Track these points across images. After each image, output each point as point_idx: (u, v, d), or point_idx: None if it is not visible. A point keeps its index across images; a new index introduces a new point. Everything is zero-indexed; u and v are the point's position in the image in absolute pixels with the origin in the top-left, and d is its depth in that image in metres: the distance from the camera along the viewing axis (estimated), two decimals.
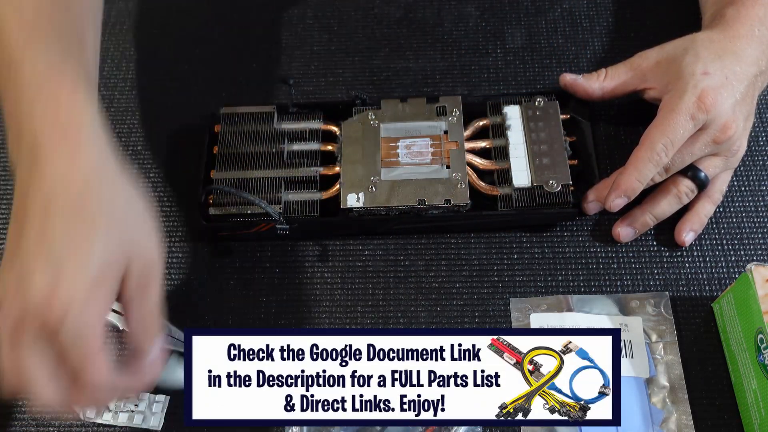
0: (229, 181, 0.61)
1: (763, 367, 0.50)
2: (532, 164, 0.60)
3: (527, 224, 0.61)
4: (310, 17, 0.74)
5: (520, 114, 0.63)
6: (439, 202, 0.58)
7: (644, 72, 0.60)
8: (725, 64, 0.56)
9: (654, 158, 0.55)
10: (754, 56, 0.56)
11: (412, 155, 0.61)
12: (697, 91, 0.54)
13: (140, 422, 0.55)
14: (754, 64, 0.56)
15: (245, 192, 0.59)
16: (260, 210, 0.59)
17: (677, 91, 0.55)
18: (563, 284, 0.59)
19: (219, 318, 0.59)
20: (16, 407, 0.56)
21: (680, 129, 0.54)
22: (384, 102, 0.64)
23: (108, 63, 0.72)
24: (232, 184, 0.60)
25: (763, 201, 0.62)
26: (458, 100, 0.63)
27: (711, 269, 0.59)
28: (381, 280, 0.60)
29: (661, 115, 0.55)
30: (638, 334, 0.56)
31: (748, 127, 0.58)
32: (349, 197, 0.59)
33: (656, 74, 0.59)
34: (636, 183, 0.56)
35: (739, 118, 0.56)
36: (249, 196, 0.58)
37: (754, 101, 0.58)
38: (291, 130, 0.63)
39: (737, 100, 0.55)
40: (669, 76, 0.57)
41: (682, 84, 0.55)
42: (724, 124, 0.55)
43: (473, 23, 0.73)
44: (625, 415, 0.52)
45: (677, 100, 0.55)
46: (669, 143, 0.54)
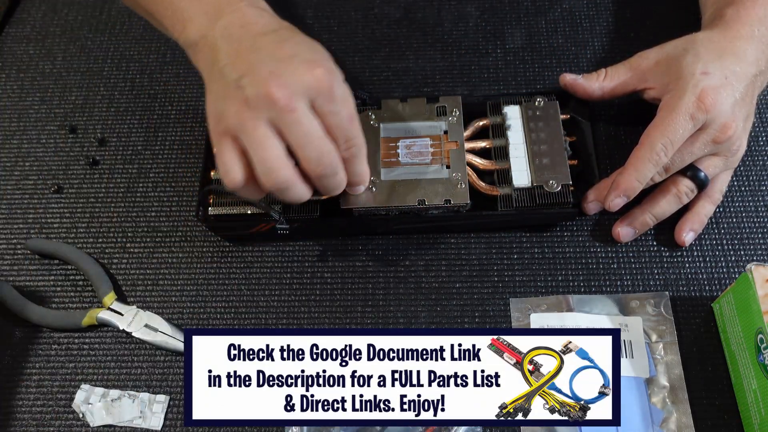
0: None
1: (763, 367, 0.50)
2: (532, 164, 0.60)
3: (527, 224, 0.61)
4: (310, 17, 0.74)
5: (520, 114, 0.63)
6: (439, 202, 0.58)
7: (644, 72, 0.60)
8: (725, 64, 0.56)
9: (653, 158, 0.55)
10: (753, 56, 0.57)
11: (412, 155, 0.61)
12: (696, 91, 0.54)
13: (140, 422, 0.55)
14: (754, 64, 0.57)
15: None
16: (260, 210, 0.59)
17: (677, 91, 0.55)
18: (563, 284, 0.59)
19: (219, 318, 0.59)
20: (17, 407, 0.56)
21: (680, 129, 0.54)
22: (384, 102, 0.64)
23: (108, 63, 0.72)
24: None
25: (763, 201, 0.62)
26: (458, 100, 0.63)
27: (711, 269, 0.59)
28: (381, 280, 0.60)
29: (660, 115, 0.55)
30: (638, 334, 0.56)
31: (747, 127, 0.58)
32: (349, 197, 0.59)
33: (656, 74, 0.59)
34: (635, 183, 0.56)
35: (739, 117, 0.56)
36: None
37: (754, 101, 0.58)
38: None
39: (737, 99, 0.55)
40: (669, 76, 0.57)
41: (682, 84, 0.55)
42: (724, 124, 0.55)
43: (473, 23, 0.73)
44: (625, 415, 0.52)
45: (677, 100, 0.55)
46: (669, 143, 0.54)
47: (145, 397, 0.56)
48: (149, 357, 0.58)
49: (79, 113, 0.70)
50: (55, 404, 0.56)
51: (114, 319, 0.58)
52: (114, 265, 0.62)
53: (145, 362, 0.57)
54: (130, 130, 0.68)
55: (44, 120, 0.69)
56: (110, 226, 0.64)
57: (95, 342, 0.58)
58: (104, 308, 0.59)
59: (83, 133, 0.68)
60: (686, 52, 0.57)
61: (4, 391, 0.57)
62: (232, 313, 0.59)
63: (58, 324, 0.58)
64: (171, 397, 0.56)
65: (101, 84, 0.71)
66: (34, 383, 0.57)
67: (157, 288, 0.61)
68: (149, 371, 0.57)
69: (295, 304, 0.59)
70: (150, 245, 0.63)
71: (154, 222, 0.64)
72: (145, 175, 0.66)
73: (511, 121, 0.62)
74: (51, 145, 0.68)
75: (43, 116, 0.70)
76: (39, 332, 0.59)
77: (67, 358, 0.58)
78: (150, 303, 0.60)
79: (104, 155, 0.67)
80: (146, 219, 0.64)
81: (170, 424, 0.55)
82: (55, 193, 0.65)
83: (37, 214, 0.64)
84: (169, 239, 0.63)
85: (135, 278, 0.61)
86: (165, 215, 0.64)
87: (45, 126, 0.69)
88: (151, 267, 0.62)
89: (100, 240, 0.63)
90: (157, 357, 0.58)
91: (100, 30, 0.74)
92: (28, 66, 0.73)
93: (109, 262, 0.62)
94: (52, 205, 0.65)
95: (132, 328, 0.58)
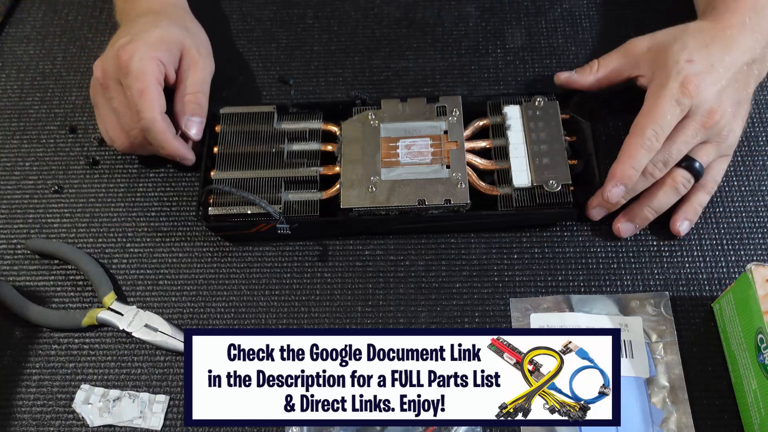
0: (229, 181, 0.61)
1: (763, 367, 0.50)
2: (532, 164, 0.60)
3: (527, 224, 0.61)
4: (310, 17, 0.74)
5: (520, 114, 0.63)
6: (439, 202, 0.58)
7: (636, 58, 0.61)
8: (711, 53, 0.57)
9: (645, 144, 0.55)
10: (746, 44, 0.57)
11: (412, 155, 0.61)
12: (680, 78, 0.55)
13: (140, 422, 0.55)
14: (747, 52, 0.57)
15: (245, 191, 0.59)
16: (260, 210, 0.59)
17: (662, 79, 0.56)
18: (563, 284, 0.59)
19: (219, 318, 0.59)
20: (17, 407, 0.56)
21: (667, 114, 0.55)
22: (384, 102, 0.64)
23: None
24: (232, 184, 0.60)
25: (763, 201, 0.62)
26: (458, 100, 0.63)
27: (711, 269, 0.59)
28: (381, 280, 0.60)
29: (648, 103, 0.57)
30: (638, 334, 0.56)
31: (740, 114, 0.58)
32: (349, 197, 0.59)
33: (646, 61, 0.60)
34: (630, 170, 0.56)
35: (726, 103, 0.56)
36: (249, 196, 0.58)
37: (749, 89, 0.59)
38: (291, 130, 0.63)
39: (723, 86, 0.56)
40: (656, 64, 0.58)
41: (667, 72, 0.56)
42: (710, 110, 0.56)
43: (473, 23, 0.73)
44: (626, 415, 0.52)
45: (662, 88, 0.56)
46: (658, 128, 0.55)
47: (145, 397, 0.56)
48: (149, 357, 0.58)
49: (79, 113, 0.70)
50: (55, 404, 0.56)
51: (114, 319, 0.58)
52: (114, 265, 0.62)
53: (145, 362, 0.57)
54: None
55: (44, 120, 0.69)
56: (110, 226, 0.64)
57: (95, 342, 0.58)
58: (104, 308, 0.59)
59: (83, 133, 0.68)
60: (675, 41, 0.58)
61: (4, 391, 0.57)
62: (232, 313, 0.59)
63: (58, 324, 0.58)
64: (171, 397, 0.56)
65: None
66: (34, 383, 0.57)
67: (157, 288, 0.61)
68: (149, 371, 0.57)
69: (295, 304, 0.59)
70: (150, 245, 0.63)
71: (154, 222, 0.64)
72: (145, 175, 0.66)
73: (511, 121, 0.62)
74: (51, 145, 0.68)
75: (43, 116, 0.70)
76: (39, 332, 0.59)
77: (67, 358, 0.58)
78: (150, 303, 0.60)
79: (104, 155, 0.67)
80: (146, 219, 0.64)
81: (170, 424, 0.55)
82: (55, 193, 0.65)
83: (37, 214, 0.64)
84: (169, 239, 0.63)
85: (135, 278, 0.61)
86: (165, 215, 0.64)
87: (45, 126, 0.69)
88: (151, 267, 0.61)
89: (100, 240, 0.63)
90: (157, 357, 0.58)
91: (100, 30, 0.74)
92: (28, 66, 0.73)
93: (109, 262, 0.62)
94: (52, 205, 0.65)
95: (132, 328, 0.58)
